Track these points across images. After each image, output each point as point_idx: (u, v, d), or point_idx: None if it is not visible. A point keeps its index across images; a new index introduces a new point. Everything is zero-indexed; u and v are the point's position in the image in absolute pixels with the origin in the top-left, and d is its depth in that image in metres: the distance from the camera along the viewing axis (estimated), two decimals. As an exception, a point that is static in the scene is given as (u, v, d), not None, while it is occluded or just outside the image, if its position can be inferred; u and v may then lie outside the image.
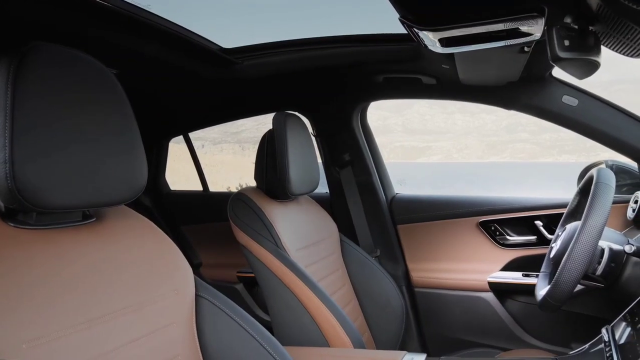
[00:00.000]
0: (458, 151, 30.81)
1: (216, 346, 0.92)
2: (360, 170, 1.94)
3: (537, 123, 20.36)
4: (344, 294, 1.62)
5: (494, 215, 1.80)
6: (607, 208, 1.04)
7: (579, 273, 1.02)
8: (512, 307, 1.77)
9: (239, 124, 18.89)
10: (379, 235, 1.94)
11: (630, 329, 0.93)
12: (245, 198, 1.46)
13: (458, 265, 1.85)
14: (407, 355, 1.08)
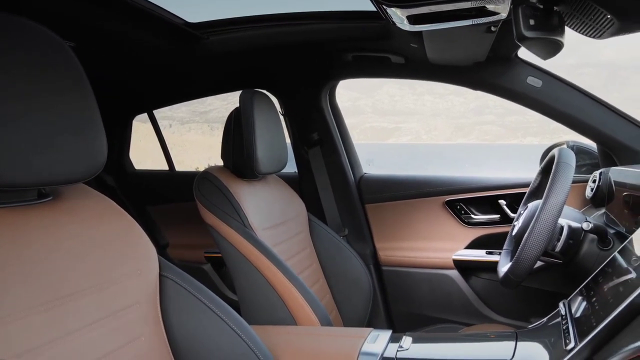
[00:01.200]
0: (427, 132, 31.26)
1: (181, 326, 0.91)
2: (328, 150, 1.94)
3: (504, 105, 20.80)
4: (312, 273, 1.63)
5: (459, 195, 1.83)
6: (567, 187, 1.07)
7: (539, 250, 1.05)
8: (476, 283, 1.82)
9: (208, 103, 18.55)
10: (347, 215, 1.94)
11: (585, 302, 0.97)
12: (212, 177, 1.43)
13: (424, 243, 1.88)
14: (372, 332, 1.10)
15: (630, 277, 0.85)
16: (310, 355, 1.04)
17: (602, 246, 1.18)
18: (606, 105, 1.56)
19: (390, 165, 13.44)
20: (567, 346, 0.84)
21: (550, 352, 0.90)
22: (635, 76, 47.14)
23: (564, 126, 1.61)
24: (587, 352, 0.80)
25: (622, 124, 1.56)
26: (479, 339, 1.12)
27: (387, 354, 1.02)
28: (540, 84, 1.55)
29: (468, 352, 1.05)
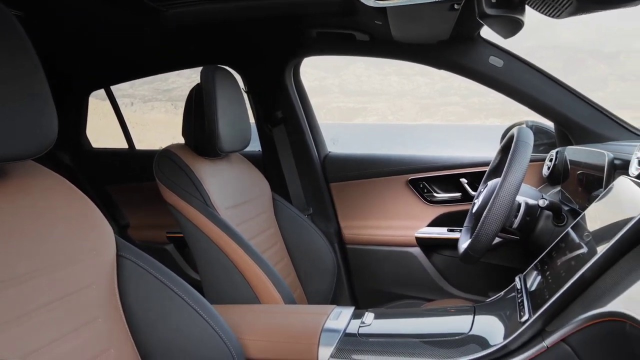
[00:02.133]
0: (393, 113, 31.40)
1: (140, 307, 0.89)
2: (293, 128, 1.92)
3: (468, 87, 21.11)
4: (276, 252, 1.62)
5: (422, 173, 1.86)
6: (525, 165, 1.09)
7: (498, 226, 1.08)
8: (438, 260, 1.86)
9: (171, 81, 17.91)
10: (312, 194, 1.94)
11: (540, 276, 1.00)
12: (172, 155, 1.40)
13: (388, 221, 1.90)
14: (335, 309, 1.11)
15: (582, 251, 0.88)
16: (273, 333, 1.04)
17: (556, 222, 1.22)
18: (564, 86, 1.60)
19: (356, 145, 13.48)
20: (521, 318, 0.87)
21: (505, 325, 0.93)
22: (591, 59, 48.86)
23: (524, 106, 1.64)
24: (540, 324, 0.83)
25: (578, 105, 1.60)
26: (438, 314, 1.15)
27: (350, 330, 1.03)
28: (502, 63, 1.57)
29: (428, 326, 1.07)
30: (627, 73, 51.35)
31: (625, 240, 0.78)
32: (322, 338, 0.99)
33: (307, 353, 0.98)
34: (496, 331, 0.91)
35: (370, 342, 0.99)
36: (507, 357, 0.84)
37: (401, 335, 1.01)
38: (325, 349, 0.97)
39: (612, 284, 0.76)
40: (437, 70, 1.70)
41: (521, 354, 0.83)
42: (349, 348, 0.97)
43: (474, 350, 0.87)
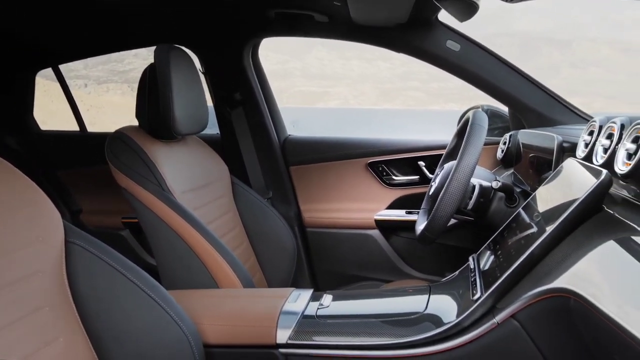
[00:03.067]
0: (354, 97, 31.57)
1: (91, 293, 0.86)
2: (252, 111, 1.89)
3: (428, 72, 21.35)
4: (235, 236, 1.61)
5: (381, 157, 1.87)
6: (479, 148, 1.11)
7: (453, 208, 1.10)
8: (396, 242, 1.89)
9: (127, 62, 17.33)
10: (272, 177, 1.93)
11: (492, 256, 1.03)
12: (125, 137, 1.35)
13: (347, 204, 1.91)
14: (294, 292, 1.11)
15: (532, 231, 0.91)
16: (231, 317, 1.03)
17: (509, 204, 1.26)
18: (518, 71, 1.64)
19: (319, 129, 13.44)
20: (474, 296, 0.90)
21: (458, 303, 0.96)
22: (547, 47, 50.91)
23: (480, 90, 1.67)
24: (492, 301, 0.86)
25: (531, 90, 1.65)
26: (395, 294, 1.17)
27: (308, 312, 1.03)
28: (459, 48, 1.59)
29: (385, 306, 1.09)
30: (578, 60, 54.05)
31: (571, 220, 0.81)
32: (280, 321, 0.99)
33: (266, 336, 0.98)
34: (450, 309, 0.94)
35: (329, 323, 1.00)
36: (460, 334, 0.86)
37: (359, 316, 1.02)
38: (283, 331, 0.97)
39: (558, 262, 0.79)
40: (398, 54, 1.70)
41: (473, 331, 0.85)
42: (308, 330, 0.97)
43: (428, 328, 0.90)
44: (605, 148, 0.89)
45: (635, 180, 0.76)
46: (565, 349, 0.78)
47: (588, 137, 1.02)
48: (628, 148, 0.78)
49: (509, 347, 0.82)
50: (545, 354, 0.80)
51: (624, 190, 0.85)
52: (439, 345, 0.87)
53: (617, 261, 0.70)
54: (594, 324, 0.67)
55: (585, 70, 41.15)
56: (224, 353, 1.00)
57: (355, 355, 0.91)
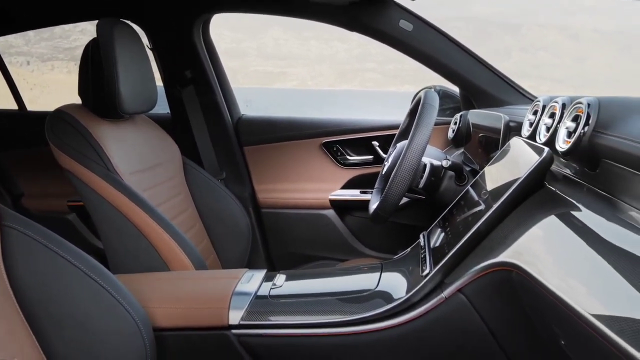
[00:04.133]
0: (312, 78, 31.20)
1: (30, 279, 0.82)
2: (203, 89, 1.83)
3: (384, 53, 21.47)
4: (187, 218, 1.57)
5: (336, 137, 1.87)
6: (430, 127, 1.13)
7: (405, 186, 1.11)
8: (351, 222, 1.91)
9: (73, 38, 16.43)
10: (225, 158, 1.89)
11: (442, 233, 1.06)
12: (67, 116, 1.28)
13: (302, 185, 1.91)
14: (247, 272, 1.10)
15: (479, 208, 0.94)
16: (181, 299, 1.01)
17: (458, 182, 1.29)
18: (470, 53, 1.66)
19: (275, 110, 13.31)
20: (423, 272, 0.92)
21: (408, 279, 0.98)
22: (499, 31, 51.75)
23: (432, 71, 1.69)
24: (440, 276, 0.88)
25: (482, 71, 1.68)
26: (348, 273, 1.18)
27: (261, 292, 1.03)
28: (412, 28, 1.60)
29: (337, 285, 1.10)
30: (528, 45, 55.24)
31: (514, 197, 0.83)
32: (232, 302, 0.98)
33: (218, 318, 0.97)
34: (400, 286, 0.96)
35: (281, 303, 1.00)
36: (410, 309, 0.88)
37: (311, 295, 1.02)
38: (235, 312, 0.96)
39: (502, 237, 0.81)
40: (355, 36, 1.69)
41: (422, 305, 0.87)
42: (260, 310, 0.97)
43: (379, 304, 0.91)
44: (547, 127, 0.92)
45: (575, 157, 0.79)
46: (508, 319, 0.81)
47: (532, 116, 1.05)
48: (568, 126, 0.81)
49: (456, 320, 0.85)
50: (489, 325, 0.83)
51: (565, 168, 0.88)
52: (390, 321, 0.89)
53: (557, 235, 0.72)
54: (534, 295, 0.69)
55: (534, 54, 42.48)
56: (175, 336, 0.99)
57: (307, 334, 0.92)
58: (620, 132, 0.69)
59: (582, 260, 0.63)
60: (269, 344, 0.95)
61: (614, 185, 0.71)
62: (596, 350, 0.53)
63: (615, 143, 0.69)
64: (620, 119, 0.72)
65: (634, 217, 0.63)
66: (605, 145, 0.71)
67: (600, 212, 0.69)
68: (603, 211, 0.68)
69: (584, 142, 0.75)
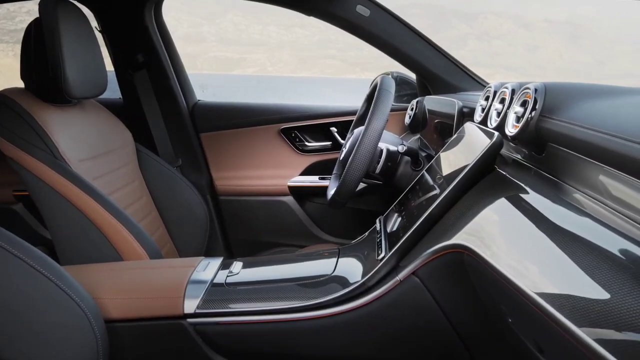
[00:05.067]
0: (272, 65, 30.83)
1: None
2: (157, 74, 1.78)
3: (344, 41, 21.44)
4: (142, 206, 1.53)
5: (294, 123, 1.86)
6: (386, 112, 1.13)
7: (361, 172, 1.12)
8: (310, 208, 1.91)
9: (19, 20, 15.64)
10: (180, 145, 1.85)
11: (397, 217, 1.07)
12: (9, 101, 1.21)
13: (260, 171, 1.89)
14: (203, 260, 1.08)
15: (433, 192, 0.95)
16: (134, 289, 0.98)
17: (414, 167, 1.31)
18: (426, 40, 1.68)
19: (235, 97, 13.07)
20: (378, 256, 0.93)
21: (364, 264, 0.99)
22: (455, 19, 52.76)
23: (389, 57, 1.70)
24: (395, 260, 0.89)
25: (437, 58, 1.70)
26: (305, 259, 1.18)
27: (217, 280, 1.01)
28: (369, 13, 1.59)
29: (294, 271, 1.10)
30: (483, 34, 56.57)
31: (466, 180, 0.85)
32: (187, 290, 0.96)
33: (172, 307, 0.95)
34: (356, 270, 0.97)
35: (238, 290, 0.99)
36: (366, 293, 0.89)
37: (268, 281, 1.02)
38: (191, 301, 0.95)
39: (454, 220, 0.83)
40: (315, 22, 1.68)
41: (378, 289, 0.88)
42: (216, 298, 0.96)
43: (335, 289, 0.92)
44: (498, 112, 0.94)
45: (523, 141, 0.81)
46: (459, 299, 0.83)
47: (484, 102, 1.07)
48: (517, 111, 0.83)
49: (410, 301, 0.87)
50: (442, 305, 0.85)
51: (515, 152, 0.91)
52: (346, 305, 0.89)
53: (505, 217, 0.75)
54: (483, 275, 0.71)
55: (489, 43, 43.59)
56: (128, 327, 0.96)
57: (264, 320, 0.92)
58: (565, 116, 0.72)
59: (528, 241, 0.65)
60: (226, 331, 0.95)
61: (559, 168, 0.74)
62: (539, 326, 0.55)
63: (559, 127, 0.71)
64: (565, 104, 0.74)
65: (577, 199, 0.65)
66: (551, 130, 0.73)
67: (547, 194, 0.71)
68: (549, 194, 0.71)
69: (531, 126, 0.77)
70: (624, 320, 0.42)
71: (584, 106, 0.72)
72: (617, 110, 0.66)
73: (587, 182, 0.65)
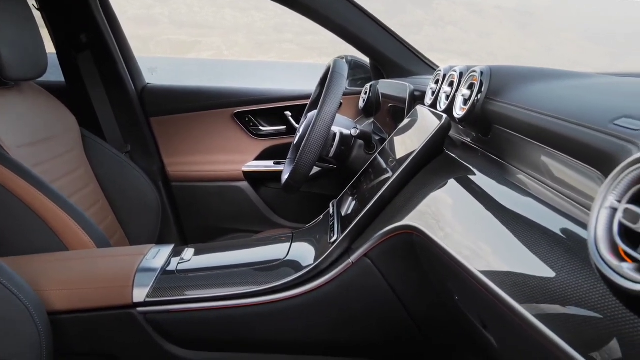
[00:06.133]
0: (228, 48, 30.14)
1: None
2: (102, 56, 1.70)
3: (301, 25, 21.23)
4: (89, 194, 1.47)
5: (248, 107, 1.83)
6: (339, 95, 1.13)
7: (315, 156, 1.11)
8: (266, 193, 1.89)
9: (-49, -3, 14.64)
10: (129, 129, 1.78)
11: (350, 200, 1.08)
12: None
13: (214, 157, 1.85)
14: (153, 248, 1.05)
15: (386, 175, 0.96)
16: (80, 280, 0.94)
17: (367, 150, 1.32)
18: (379, 23, 1.68)
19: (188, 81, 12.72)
20: (331, 239, 0.93)
21: (316, 247, 0.99)
22: (410, 4, 53.38)
23: (343, 40, 1.69)
24: (347, 242, 0.90)
25: (391, 42, 1.71)
26: (259, 244, 1.17)
27: (168, 268, 0.99)
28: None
29: (247, 257, 1.09)
30: (438, 19, 57.78)
31: (416, 163, 0.86)
32: (136, 279, 0.94)
33: (121, 296, 0.92)
34: (309, 254, 0.97)
35: (190, 277, 0.97)
36: (319, 276, 0.90)
37: (220, 267, 1.00)
38: (140, 290, 0.92)
39: (404, 202, 0.84)
40: (271, 5, 1.64)
41: (330, 272, 0.89)
42: (167, 286, 0.94)
43: (288, 273, 0.91)
44: (447, 95, 0.96)
45: (470, 123, 0.83)
46: (409, 279, 0.85)
47: (434, 85, 1.09)
48: (464, 94, 0.84)
49: (362, 283, 0.88)
50: (393, 286, 0.86)
51: (464, 135, 0.93)
52: (299, 289, 0.89)
53: (453, 198, 0.76)
54: (431, 255, 0.73)
55: (444, 29, 44.31)
56: (75, 319, 0.93)
57: (216, 307, 0.90)
58: (508, 99, 0.73)
59: (474, 221, 0.66)
60: (178, 320, 0.93)
61: (504, 150, 0.76)
62: (483, 302, 0.56)
63: (503, 109, 0.73)
64: (509, 87, 0.76)
65: (521, 180, 0.67)
66: (495, 112, 0.75)
67: (492, 176, 0.73)
68: (495, 175, 0.73)
69: (477, 109, 0.78)
70: (558, 293, 0.44)
71: (527, 89, 0.74)
72: (557, 93, 0.69)
73: (530, 163, 0.67)
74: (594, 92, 0.65)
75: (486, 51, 37.53)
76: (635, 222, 0.33)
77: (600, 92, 0.65)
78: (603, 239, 0.36)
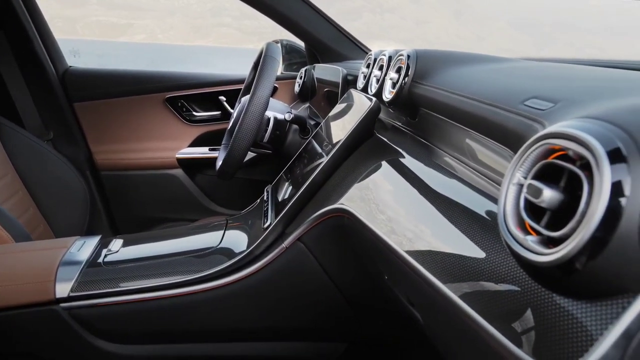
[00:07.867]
0: (163, 32, 28.75)
1: None
2: (16, 35, 1.57)
3: (240, 9, 20.76)
4: (6, 186, 1.37)
5: (180, 92, 1.77)
6: (272, 78, 1.11)
7: (249, 141, 1.09)
8: (201, 180, 1.85)
9: None
10: (51, 116, 1.67)
11: (285, 185, 1.07)
12: None
13: (146, 144, 1.78)
14: (78, 240, 1.00)
15: (320, 160, 0.96)
16: None
17: (302, 135, 1.31)
18: (314, 8, 1.67)
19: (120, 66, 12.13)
20: (264, 225, 0.92)
21: (250, 233, 0.98)
22: (349, -8, 53.59)
23: (277, 24, 1.67)
24: (281, 227, 0.90)
25: (326, 27, 1.70)
26: (191, 232, 1.14)
27: (94, 260, 0.95)
28: None
29: (178, 246, 1.06)
30: (376, 7, 58.01)
31: (346, 146, 0.87)
32: (59, 273, 0.89)
33: (42, 292, 0.87)
34: (243, 241, 0.95)
35: (118, 269, 0.93)
36: (253, 262, 0.89)
37: (150, 258, 0.97)
38: (63, 284, 0.87)
39: (335, 185, 0.85)
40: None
41: (264, 257, 0.88)
42: (93, 279, 0.89)
43: (221, 261, 0.90)
44: (377, 79, 0.97)
45: (398, 107, 0.84)
46: (341, 261, 0.86)
47: (366, 69, 1.09)
48: (392, 77, 0.85)
49: (296, 267, 0.88)
50: (326, 269, 0.87)
51: (394, 118, 0.94)
52: (233, 276, 0.88)
53: (383, 181, 0.77)
54: (362, 237, 0.74)
55: (382, 16, 44.90)
56: None
57: (146, 298, 0.87)
58: (433, 82, 0.75)
59: (402, 204, 0.68)
60: (105, 313, 0.89)
61: (431, 132, 0.77)
62: (409, 282, 0.58)
63: (429, 92, 0.74)
64: (435, 70, 0.78)
65: (447, 162, 0.69)
66: (422, 95, 0.77)
67: (420, 158, 0.74)
68: (422, 157, 0.74)
69: (405, 92, 0.80)
70: (474, 268, 0.46)
71: (451, 72, 0.76)
72: (477, 76, 0.71)
73: (453, 144, 0.69)
74: (510, 75, 0.68)
75: (423, 39, 38.51)
76: (537, 197, 0.34)
77: (516, 75, 0.68)
78: (511, 213, 0.38)
